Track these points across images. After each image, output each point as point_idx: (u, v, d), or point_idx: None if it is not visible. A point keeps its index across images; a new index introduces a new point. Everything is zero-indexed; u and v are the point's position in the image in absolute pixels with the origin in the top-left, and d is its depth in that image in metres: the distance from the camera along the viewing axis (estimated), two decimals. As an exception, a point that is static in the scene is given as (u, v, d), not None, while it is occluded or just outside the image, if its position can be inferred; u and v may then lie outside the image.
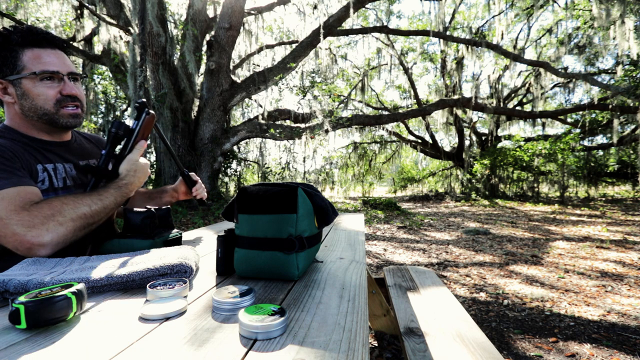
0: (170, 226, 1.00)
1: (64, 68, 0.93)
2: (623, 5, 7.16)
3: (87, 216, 0.83)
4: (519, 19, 12.74)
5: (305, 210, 0.72)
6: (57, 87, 0.92)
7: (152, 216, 0.90)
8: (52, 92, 0.91)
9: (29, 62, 0.89)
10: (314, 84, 12.52)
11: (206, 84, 7.17)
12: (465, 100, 9.88)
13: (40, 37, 0.90)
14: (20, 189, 0.80)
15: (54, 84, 0.91)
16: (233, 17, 6.83)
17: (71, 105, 0.94)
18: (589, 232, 5.44)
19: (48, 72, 0.89)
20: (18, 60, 0.88)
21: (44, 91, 0.90)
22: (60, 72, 0.92)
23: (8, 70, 0.88)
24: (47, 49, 0.92)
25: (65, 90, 0.92)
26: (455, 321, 1.38)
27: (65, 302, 0.49)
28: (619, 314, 2.30)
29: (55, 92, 0.91)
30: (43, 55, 0.90)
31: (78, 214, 0.81)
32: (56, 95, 0.92)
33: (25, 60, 0.88)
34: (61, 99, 0.93)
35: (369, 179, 16.08)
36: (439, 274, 3.31)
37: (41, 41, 0.91)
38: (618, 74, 9.92)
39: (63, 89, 0.92)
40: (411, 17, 15.77)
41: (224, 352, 0.42)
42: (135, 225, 0.89)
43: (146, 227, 0.89)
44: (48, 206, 0.79)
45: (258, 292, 0.65)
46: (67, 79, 0.93)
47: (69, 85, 0.93)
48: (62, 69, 0.92)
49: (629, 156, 12.06)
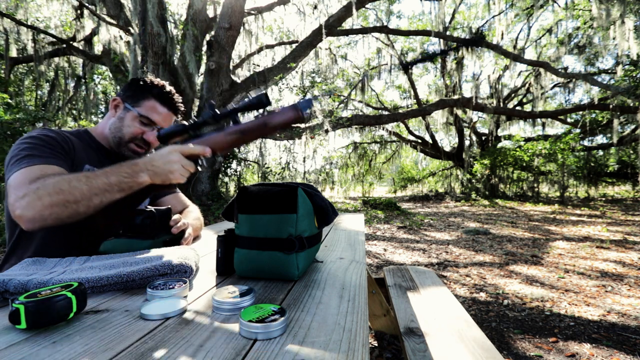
0: (170, 226, 1.00)
1: (161, 124, 1.14)
2: (623, 5, 7.16)
3: (65, 192, 0.78)
4: (519, 19, 12.73)
5: (305, 210, 0.72)
6: (144, 129, 1.12)
7: (152, 216, 0.90)
8: (137, 130, 1.11)
9: (146, 106, 1.11)
10: (314, 84, 12.51)
11: (206, 84, 7.17)
12: (465, 100, 9.87)
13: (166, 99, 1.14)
14: (46, 166, 0.87)
15: (144, 127, 1.12)
16: (233, 17, 6.83)
17: (140, 145, 1.13)
18: (589, 232, 5.44)
19: (150, 119, 1.11)
20: (142, 100, 1.11)
21: (133, 126, 1.10)
22: (157, 124, 1.13)
23: (130, 99, 1.11)
24: (165, 107, 1.14)
25: (146, 134, 1.12)
26: (455, 321, 1.37)
27: (65, 302, 0.49)
28: (619, 314, 2.30)
29: (139, 132, 1.11)
30: (159, 108, 1.13)
31: (55, 188, 0.78)
32: (137, 133, 1.11)
33: (145, 104, 1.11)
34: (138, 138, 1.12)
35: (369, 179, 16.08)
36: (439, 274, 3.31)
37: (165, 101, 1.14)
38: (618, 74, 9.91)
39: (146, 133, 1.12)
40: (411, 17, 15.76)
41: (224, 352, 0.42)
42: (135, 225, 0.89)
43: (146, 227, 0.89)
44: (42, 181, 0.80)
45: (258, 292, 0.65)
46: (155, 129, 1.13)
47: (151, 134, 1.12)
48: (159, 124, 1.13)
49: (629, 156, 12.05)
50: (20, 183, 0.82)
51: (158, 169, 0.82)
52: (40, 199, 0.77)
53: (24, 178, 0.82)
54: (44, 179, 0.81)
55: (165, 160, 0.82)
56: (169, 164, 0.82)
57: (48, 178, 0.81)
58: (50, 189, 0.78)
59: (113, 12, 6.63)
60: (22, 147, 0.91)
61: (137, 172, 0.82)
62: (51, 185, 0.79)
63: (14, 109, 5.41)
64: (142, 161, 0.83)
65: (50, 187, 0.78)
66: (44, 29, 8.05)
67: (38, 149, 0.91)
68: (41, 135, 0.96)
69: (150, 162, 0.83)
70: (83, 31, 7.75)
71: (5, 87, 6.88)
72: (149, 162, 0.83)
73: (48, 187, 0.78)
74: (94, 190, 0.79)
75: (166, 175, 0.83)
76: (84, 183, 0.79)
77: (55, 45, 7.72)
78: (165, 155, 0.83)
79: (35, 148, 0.91)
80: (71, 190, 0.78)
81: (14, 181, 0.83)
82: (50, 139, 0.96)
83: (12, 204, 0.79)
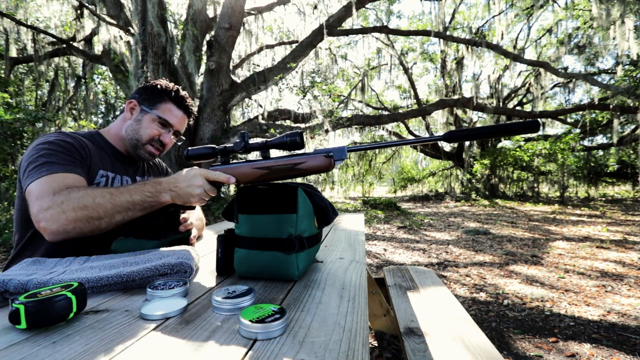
0: (177, 227, 1.00)
1: (177, 126, 1.17)
2: (623, 5, 7.16)
3: (89, 207, 0.80)
4: (519, 19, 12.73)
5: (305, 210, 0.72)
6: (161, 132, 1.14)
7: (160, 217, 0.90)
8: (155, 132, 1.13)
9: (163, 109, 1.13)
10: (314, 84, 12.51)
11: (206, 84, 7.17)
12: (465, 100, 9.87)
13: (181, 102, 1.16)
14: (67, 175, 0.88)
15: (161, 129, 1.14)
16: (233, 17, 6.83)
17: (156, 146, 1.15)
18: (589, 232, 5.44)
19: (167, 121, 1.13)
20: (158, 103, 1.13)
21: (151, 128, 1.12)
22: (173, 126, 1.15)
23: (147, 102, 1.13)
24: (180, 110, 1.17)
25: (163, 136, 1.15)
26: (455, 321, 1.38)
27: (65, 302, 0.49)
28: (619, 314, 2.30)
29: (157, 133, 1.13)
30: (174, 111, 1.15)
31: (79, 204, 0.80)
32: (155, 135, 1.13)
33: (162, 106, 1.13)
34: (155, 140, 1.14)
35: (369, 179, 16.08)
36: (439, 274, 3.31)
37: (181, 104, 1.16)
38: (618, 74, 9.91)
39: (162, 135, 1.14)
40: (411, 17, 15.76)
41: (224, 352, 0.42)
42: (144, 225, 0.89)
43: (155, 227, 0.89)
44: (67, 193, 0.81)
45: (258, 292, 0.65)
46: (171, 131, 1.16)
47: (167, 135, 1.15)
48: (175, 125, 1.16)
49: (629, 156, 12.05)
50: (42, 193, 0.82)
51: (181, 190, 0.83)
52: (65, 213, 0.78)
53: (47, 187, 0.83)
54: (68, 192, 0.82)
55: (189, 184, 0.83)
56: (192, 187, 0.83)
57: (73, 192, 0.82)
58: (75, 203, 0.79)
59: (113, 12, 6.63)
60: (41, 152, 0.91)
61: (160, 192, 0.84)
62: (76, 200, 0.80)
63: (14, 109, 5.41)
64: (165, 181, 0.85)
65: (75, 201, 0.80)
66: (44, 29, 8.04)
67: (57, 155, 0.91)
68: (59, 141, 0.95)
69: (174, 183, 0.84)
70: (83, 31, 7.75)
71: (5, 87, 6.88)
72: (172, 183, 0.84)
73: (73, 202, 0.79)
74: (117, 208, 0.82)
75: (188, 198, 0.84)
76: (108, 200, 0.82)
77: (55, 45, 7.72)
78: (190, 179, 0.83)
79: (53, 154, 0.91)
80: (95, 207, 0.80)
81: (36, 190, 0.83)
82: (68, 144, 0.96)
83: (36, 215, 0.80)
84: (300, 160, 0.80)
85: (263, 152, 0.84)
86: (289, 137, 0.81)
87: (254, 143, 0.83)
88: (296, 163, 0.81)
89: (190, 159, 0.89)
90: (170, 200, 0.85)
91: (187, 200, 0.84)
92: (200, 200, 0.85)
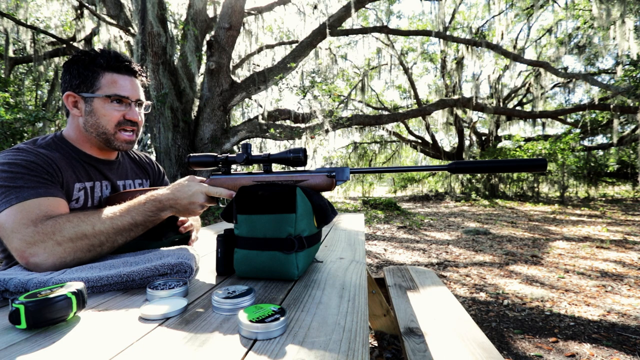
0: (177, 227, 1.00)
1: (134, 95, 0.99)
2: (623, 5, 7.16)
3: (89, 236, 0.75)
4: (519, 19, 12.73)
5: (304, 210, 0.72)
6: (123, 110, 0.98)
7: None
8: (116, 114, 0.97)
9: (105, 84, 0.95)
10: (314, 84, 12.51)
11: (206, 84, 7.17)
12: (465, 100, 9.87)
13: (118, 65, 0.97)
14: (42, 200, 0.79)
15: (121, 108, 0.97)
16: (233, 17, 6.83)
17: (129, 130, 1.01)
18: (589, 232, 5.44)
19: (119, 96, 0.96)
20: (96, 80, 0.94)
21: (110, 112, 0.96)
22: (130, 97, 0.98)
23: (84, 87, 0.94)
24: (125, 75, 0.98)
25: (128, 114, 0.98)
26: (455, 321, 1.38)
27: (65, 302, 0.49)
28: (619, 314, 2.30)
29: (119, 115, 0.97)
30: (119, 80, 0.96)
31: (77, 233, 0.74)
32: (119, 118, 0.97)
33: (102, 83, 0.95)
34: (122, 122, 0.98)
35: (369, 179, 16.09)
36: (439, 274, 3.31)
37: (121, 68, 0.97)
38: (618, 74, 9.91)
39: (126, 114, 0.98)
40: (411, 17, 15.77)
41: (224, 352, 0.42)
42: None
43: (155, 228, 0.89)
44: (53, 223, 0.75)
45: (258, 292, 0.65)
46: (133, 105, 1.00)
47: (133, 111, 0.99)
48: (132, 95, 0.99)
49: (629, 156, 12.05)
50: (18, 225, 0.74)
51: (182, 207, 0.83)
52: (60, 245, 0.73)
53: (22, 218, 0.74)
54: (55, 221, 0.75)
55: (190, 201, 0.83)
56: (193, 205, 0.83)
57: (62, 220, 0.75)
58: (71, 233, 0.74)
59: (113, 12, 6.63)
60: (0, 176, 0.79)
61: (162, 209, 0.83)
62: (71, 229, 0.74)
63: (14, 109, 5.42)
64: (165, 199, 0.83)
65: (71, 231, 0.74)
66: (44, 29, 8.04)
67: (22, 179, 0.80)
68: (19, 161, 0.82)
69: (174, 200, 0.83)
70: (83, 31, 7.75)
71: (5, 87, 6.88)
72: (172, 199, 0.83)
73: (68, 232, 0.74)
74: (118, 231, 0.79)
75: (188, 213, 0.85)
76: (109, 225, 0.78)
77: (55, 45, 7.72)
78: (191, 196, 0.83)
79: (18, 177, 0.80)
80: (96, 234, 0.76)
81: (8, 222, 0.74)
82: (30, 164, 0.83)
83: (20, 251, 0.72)
84: (302, 178, 0.81)
85: (265, 166, 0.85)
86: (292, 154, 0.82)
87: (256, 156, 0.84)
88: (298, 180, 0.82)
89: (192, 166, 0.90)
90: (171, 214, 0.86)
91: (187, 214, 0.86)
92: (198, 213, 0.87)
